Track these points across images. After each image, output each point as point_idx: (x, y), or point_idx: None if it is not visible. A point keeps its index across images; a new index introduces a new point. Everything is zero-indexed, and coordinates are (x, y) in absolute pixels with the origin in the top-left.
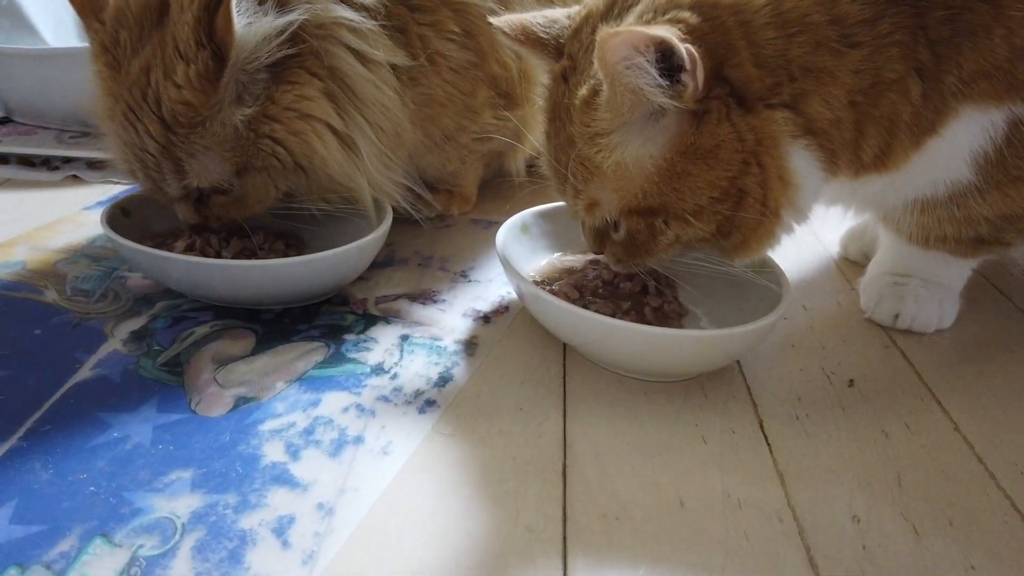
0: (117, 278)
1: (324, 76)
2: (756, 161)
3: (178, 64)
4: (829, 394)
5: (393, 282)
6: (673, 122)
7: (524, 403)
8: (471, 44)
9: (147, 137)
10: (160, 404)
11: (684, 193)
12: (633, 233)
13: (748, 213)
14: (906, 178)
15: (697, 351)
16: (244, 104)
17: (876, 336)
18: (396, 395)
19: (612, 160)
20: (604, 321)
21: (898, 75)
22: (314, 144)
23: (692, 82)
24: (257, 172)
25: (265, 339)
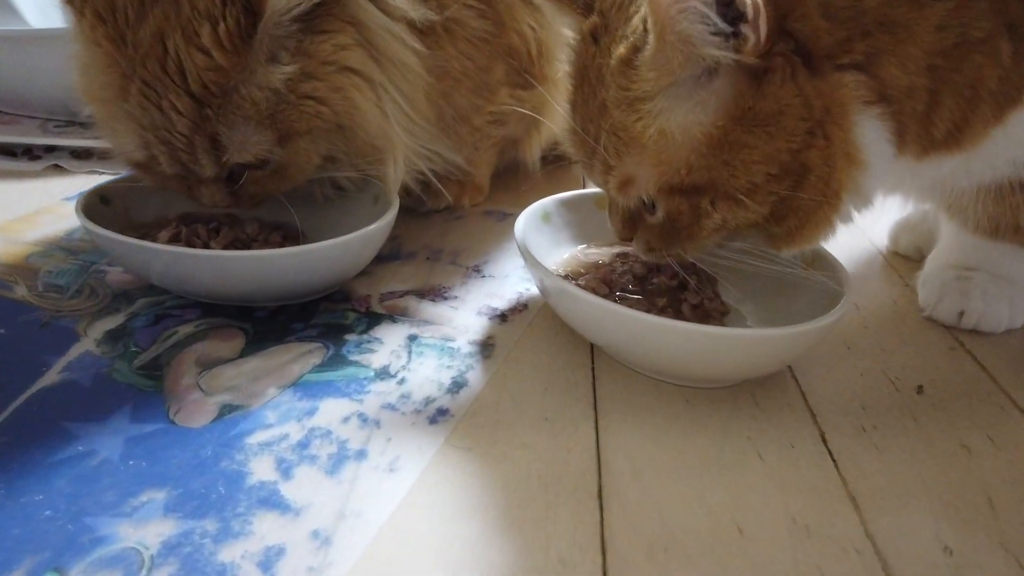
0: (95, 273)
1: (354, 23)
2: (823, 132)
3: (202, 25)
4: (896, 402)
5: (400, 277)
6: (728, 83)
7: (550, 412)
8: (489, 12)
9: (175, 115)
10: (134, 413)
11: (737, 168)
12: (673, 216)
13: (808, 194)
14: (982, 158)
15: (750, 353)
16: (280, 62)
17: (940, 337)
18: (404, 402)
19: (654, 129)
20: (642, 318)
21: (986, 33)
22: (356, 99)
23: (754, 34)
24: (300, 137)
25: (256, 339)
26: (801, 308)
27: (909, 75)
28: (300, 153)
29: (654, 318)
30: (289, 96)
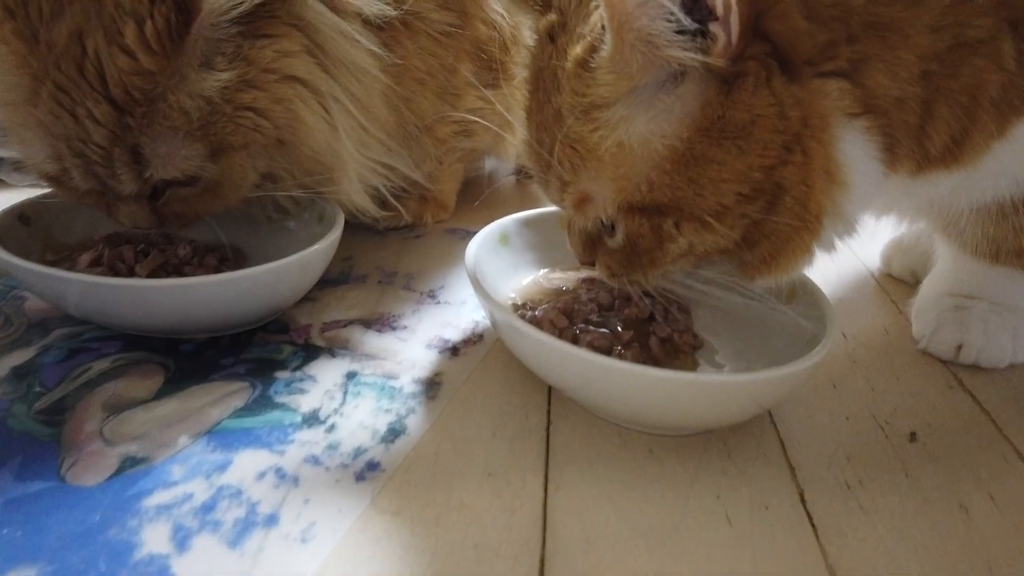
0: (13, 299)
1: (300, 26)
2: (800, 147)
3: (126, 24)
4: (886, 452)
5: (346, 303)
6: (695, 90)
7: (495, 465)
8: (451, 2)
9: (91, 123)
10: (21, 469)
11: (704, 186)
12: (634, 238)
13: (784, 218)
14: (984, 175)
15: (718, 401)
16: (216, 68)
17: (936, 373)
18: (330, 455)
19: (612, 140)
20: (596, 361)
21: (987, 33)
22: (300, 112)
23: (724, 33)
24: (235, 152)
25: (177, 377)
26: (779, 343)
27: (900, 83)
28: (235, 170)
29: (610, 362)
30: (224, 106)
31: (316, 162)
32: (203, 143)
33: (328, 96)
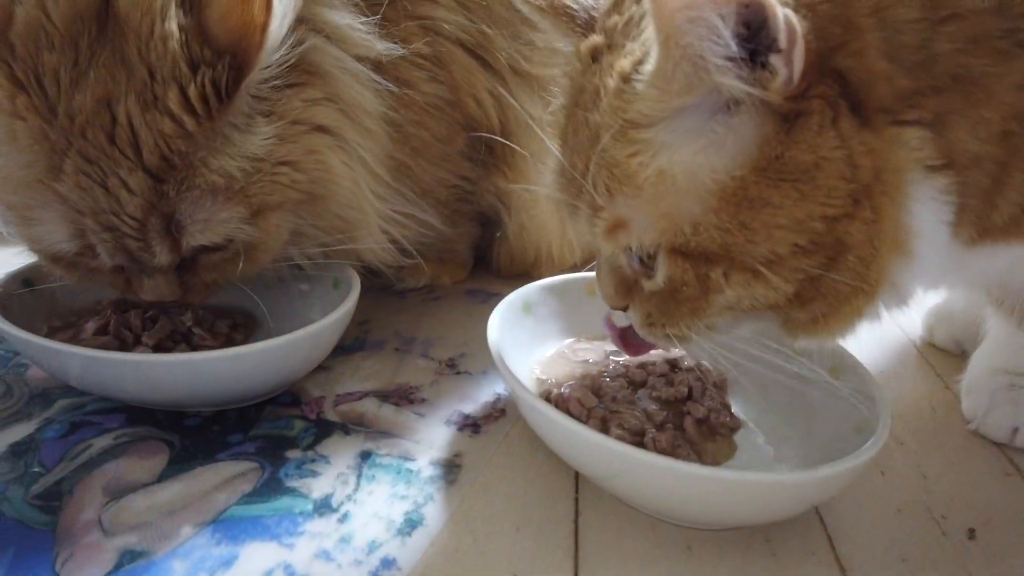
0: (15, 367)
1: (319, 73)
2: (870, 202)
3: (168, 87)
4: (945, 551)
5: (361, 374)
6: (750, 123)
7: (520, 564)
8: (441, 75)
9: (125, 194)
10: (13, 563)
11: (757, 232)
12: (676, 285)
13: (844, 276)
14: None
15: (763, 501)
16: (256, 124)
17: (991, 458)
18: (342, 549)
19: (652, 168)
20: (628, 453)
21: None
22: (330, 162)
23: (786, 68)
24: (273, 211)
25: (182, 456)
26: (826, 427)
27: (980, 142)
28: (271, 230)
29: (643, 455)
30: (264, 164)
31: (340, 218)
32: (243, 204)
33: (350, 144)
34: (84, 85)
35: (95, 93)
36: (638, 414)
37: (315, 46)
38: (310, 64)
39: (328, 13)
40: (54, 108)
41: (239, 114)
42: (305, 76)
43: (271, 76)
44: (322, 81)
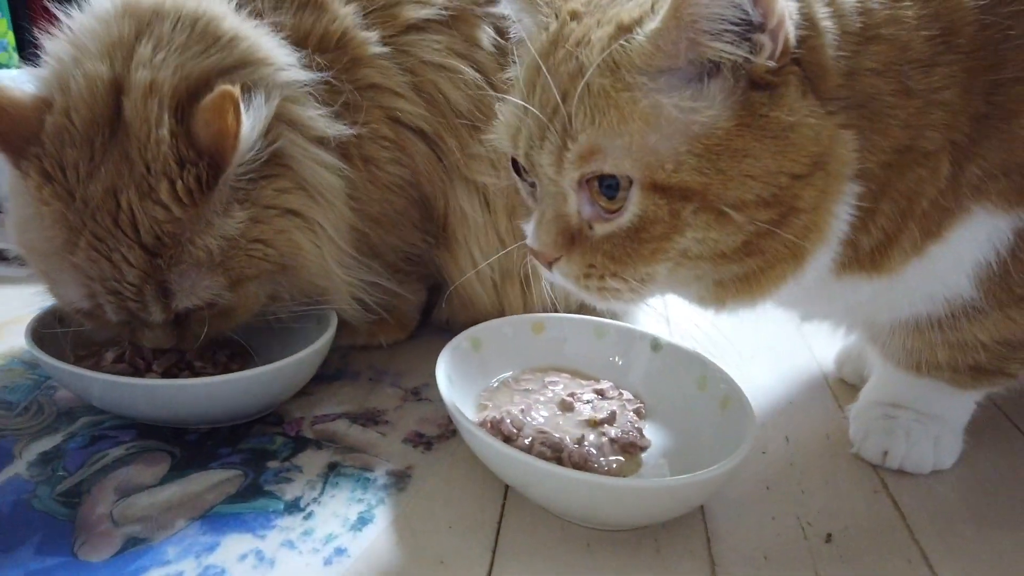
0: (46, 389)
1: (289, 163)
2: (823, 170)
3: (160, 181)
4: (801, 551)
5: (337, 399)
6: (733, 87)
7: (447, 554)
8: (405, 160)
9: (125, 266)
10: (41, 545)
11: (732, 178)
12: (648, 221)
13: (787, 234)
14: (900, 289)
15: (638, 502)
16: (233, 211)
17: (865, 477)
18: (304, 540)
19: (645, 103)
20: (537, 467)
21: (935, 146)
22: (298, 240)
23: (771, 44)
24: (249, 281)
25: (180, 465)
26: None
27: (872, 164)
28: (248, 296)
29: (547, 466)
30: (240, 242)
31: (312, 284)
32: (223, 275)
33: (315, 223)
34: (97, 177)
35: (104, 184)
36: (560, 434)
37: (289, 141)
38: (282, 157)
39: (297, 109)
40: (73, 194)
41: (219, 202)
42: (278, 168)
43: (246, 171)
44: (292, 171)
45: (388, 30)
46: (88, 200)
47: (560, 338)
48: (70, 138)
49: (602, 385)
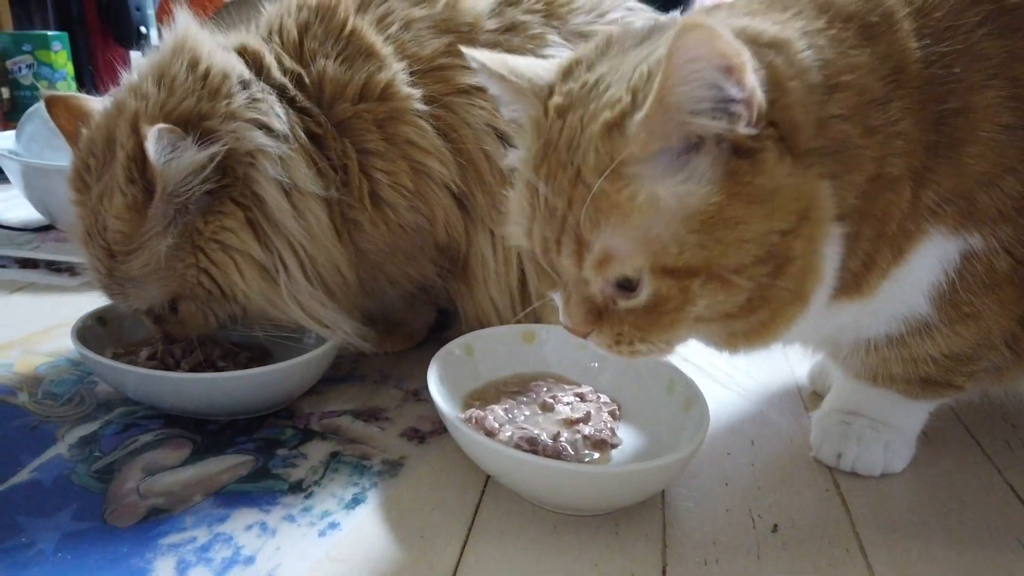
0: (88, 383)
1: (250, 204)
2: (808, 222)
3: (116, 195)
4: (748, 539)
5: (344, 398)
6: (718, 158)
7: (428, 531)
8: (424, 209)
9: (96, 260)
10: (76, 512)
11: (730, 245)
12: (661, 299)
13: (786, 284)
14: (871, 310)
15: (598, 488)
16: (169, 234)
17: (820, 478)
18: (303, 515)
19: (642, 196)
20: (506, 454)
21: (899, 171)
22: (233, 276)
23: (747, 111)
24: (188, 300)
25: (201, 450)
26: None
27: (852, 199)
28: (192, 313)
29: (514, 453)
30: (176, 264)
31: (265, 315)
32: (163, 291)
33: (267, 263)
34: (99, 182)
35: (99, 189)
36: (538, 431)
37: (253, 179)
38: (246, 196)
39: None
40: (88, 192)
41: (157, 223)
42: (231, 207)
43: (184, 203)
44: (250, 211)
45: (435, 90)
46: (90, 199)
47: (547, 347)
48: (94, 147)
49: (583, 389)
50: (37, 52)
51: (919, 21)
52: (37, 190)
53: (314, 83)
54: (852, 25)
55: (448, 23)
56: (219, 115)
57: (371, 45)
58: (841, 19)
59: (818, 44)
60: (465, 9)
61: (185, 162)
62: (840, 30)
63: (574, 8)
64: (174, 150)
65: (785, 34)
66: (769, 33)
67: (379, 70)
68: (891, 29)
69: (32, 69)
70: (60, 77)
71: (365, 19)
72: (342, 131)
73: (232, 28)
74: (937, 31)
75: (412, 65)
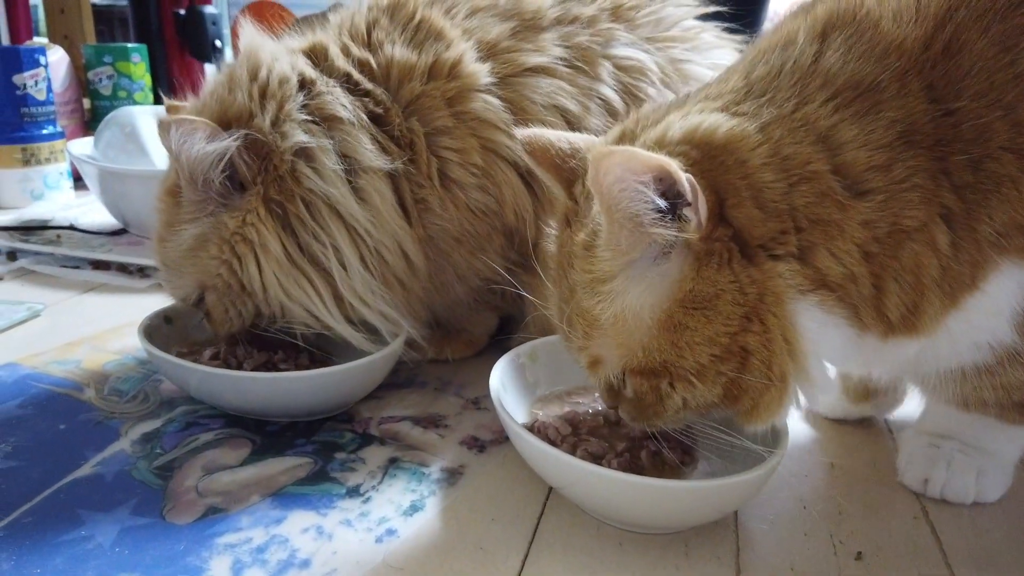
0: (152, 381)
1: (288, 200)
2: (758, 318)
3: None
4: (829, 566)
5: (404, 403)
6: (675, 266)
7: (487, 542)
8: (492, 190)
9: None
10: (136, 507)
11: (684, 350)
12: (640, 395)
13: (753, 376)
14: (945, 342)
15: (666, 504)
16: (195, 224)
17: (908, 505)
18: (360, 520)
19: (611, 311)
20: (572, 465)
21: (919, 223)
22: (251, 269)
23: (695, 216)
24: (209, 290)
25: (260, 450)
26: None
27: (845, 264)
28: (215, 305)
29: (584, 465)
30: (200, 253)
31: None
32: (190, 279)
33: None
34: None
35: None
36: (604, 443)
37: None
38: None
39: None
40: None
41: (188, 211)
42: (256, 202)
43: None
44: (280, 208)
45: (501, 70)
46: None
47: None
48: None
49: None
50: (117, 64)
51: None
52: (112, 194)
53: (381, 67)
54: (846, 98)
55: (512, 11)
56: (268, 115)
57: (440, 29)
58: (830, 94)
59: (781, 136)
60: (529, 0)
61: (196, 151)
62: (823, 105)
63: (642, 11)
64: (186, 140)
65: (739, 131)
66: (721, 132)
67: (447, 49)
68: (900, 92)
69: (112, 80)
70: (138, 88)
71: (433, 9)
72: (410, 112)
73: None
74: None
75: (479, 47)
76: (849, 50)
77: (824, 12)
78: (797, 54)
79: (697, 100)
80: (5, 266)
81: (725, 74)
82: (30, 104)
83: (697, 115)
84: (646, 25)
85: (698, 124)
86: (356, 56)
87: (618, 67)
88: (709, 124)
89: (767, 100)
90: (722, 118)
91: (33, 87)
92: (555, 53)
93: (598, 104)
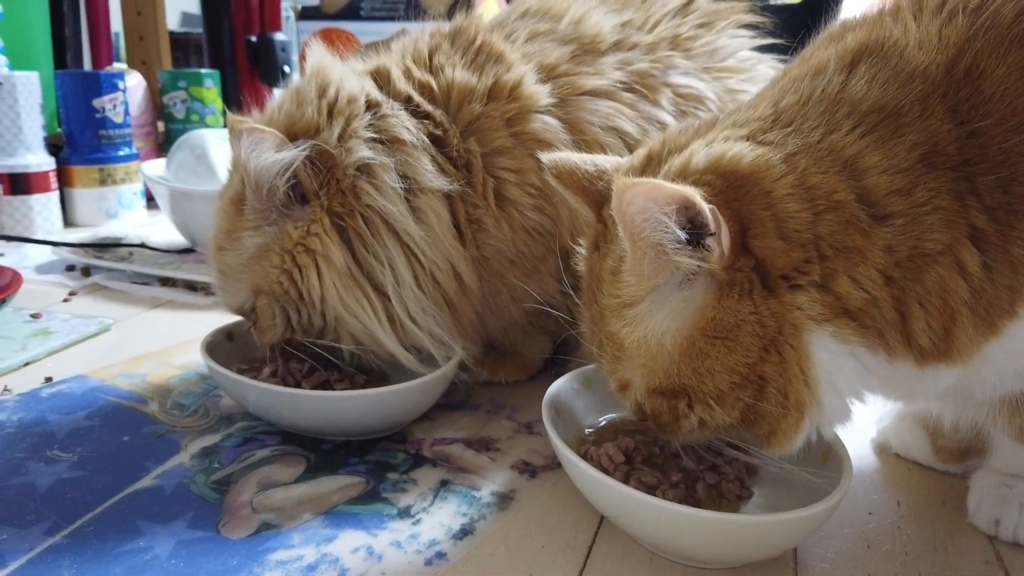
0: (213, 396)
1: (349, 214)
2: (776, 349)
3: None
4: None
5: (457, 425)
6: (698, 293)
7: (537, 569)
8: (548, 210)
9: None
10: (192, 520)
11: (704, 376)
12: (656, 414)
13: (770, 404)
14: (986, 370)
15: (723, 538)
16: (260, 233)
17: (978, 548)
18: (411, 542)
19: (635, 335)
20: (626, 494)
21: (942, 245)
22: (312, 279)
23: (718, 246)
24: (265, 296)
25: (314, 468)
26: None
27: (866, 290)
28: (265, 311)
29: (640, 496)
30: (261, 261)
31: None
32: (247, 286)
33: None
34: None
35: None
36: (658, 473)
37: (362, 188)
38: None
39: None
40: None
41: (250, 220)
42: (319, 213)
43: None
44: (343, 220)
45: (560, 92)
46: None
47: None
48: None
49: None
50: (191, 88)
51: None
52: (181, 214)
53: (442, 89)
54: (870, 123)
55: (571, 36)
56: (335, 130)
57: (500, 52)
58: (856, 122)
59: (807, 166)
60: (589, 25)
61: (264, 160)
62: (849, 133)
63: (699, 40)
64: (255, 148)
65: (764, 161)
66: (746, 162)
67: (507, 71)
68: (923, 115)
69: (186, 104)
70: (210, 112)
71: (493, 34)
72: (469, 133)
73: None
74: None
75: (538, 70)
76: (875, 77)
77: (854, 42)
78: (825, 83)
79: (724, 127)
80: (79, 282)
81: (755, 100)
82: (108, 127)
83: (722, 143)
84: (702, 55)
85: (723, 153)
86: (417, 79)
87: (677, 94)
88: (734, 154)
89: (794, 130)
90: (747, 147)
91: (111, 110)
92: (614, 77)
93: (657, 129)
